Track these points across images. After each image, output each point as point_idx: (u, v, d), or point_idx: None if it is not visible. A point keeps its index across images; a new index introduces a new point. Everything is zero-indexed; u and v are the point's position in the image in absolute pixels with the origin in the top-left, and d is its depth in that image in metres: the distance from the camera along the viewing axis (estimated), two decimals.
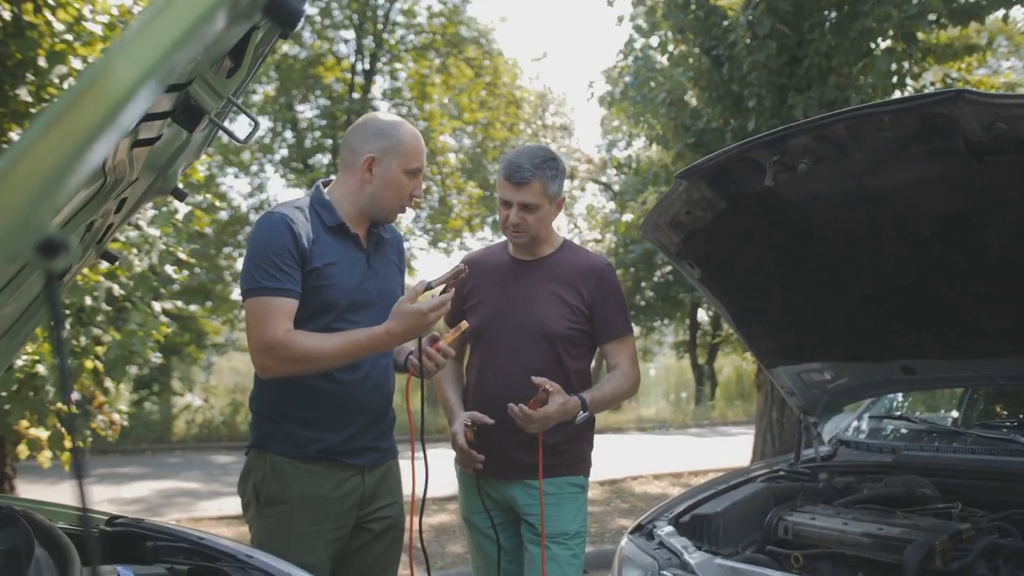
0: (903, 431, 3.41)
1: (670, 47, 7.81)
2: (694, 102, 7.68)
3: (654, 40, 8.08)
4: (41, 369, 3.76)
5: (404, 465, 2.40)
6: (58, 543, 1.32)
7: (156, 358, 4.41)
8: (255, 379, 2.28)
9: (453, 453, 2.61)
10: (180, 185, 1.94)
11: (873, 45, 6.84)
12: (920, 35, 6.64)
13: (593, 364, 2.88)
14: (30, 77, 3.80)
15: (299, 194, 15.64)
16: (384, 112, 2.45)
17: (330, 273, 2.19)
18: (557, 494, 2.57)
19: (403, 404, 2.40)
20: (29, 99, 3.77)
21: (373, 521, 2.32)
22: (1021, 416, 3.39)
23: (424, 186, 2.37)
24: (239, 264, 17.29)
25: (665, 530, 2.60)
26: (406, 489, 2.38)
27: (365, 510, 2.30)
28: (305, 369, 2.15)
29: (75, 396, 4.21)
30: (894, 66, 6.73)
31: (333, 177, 2.40)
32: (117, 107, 0.51)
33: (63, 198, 0.50)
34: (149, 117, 1.29)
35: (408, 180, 2.28)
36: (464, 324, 2.34)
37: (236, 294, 17.31)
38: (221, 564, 1.79)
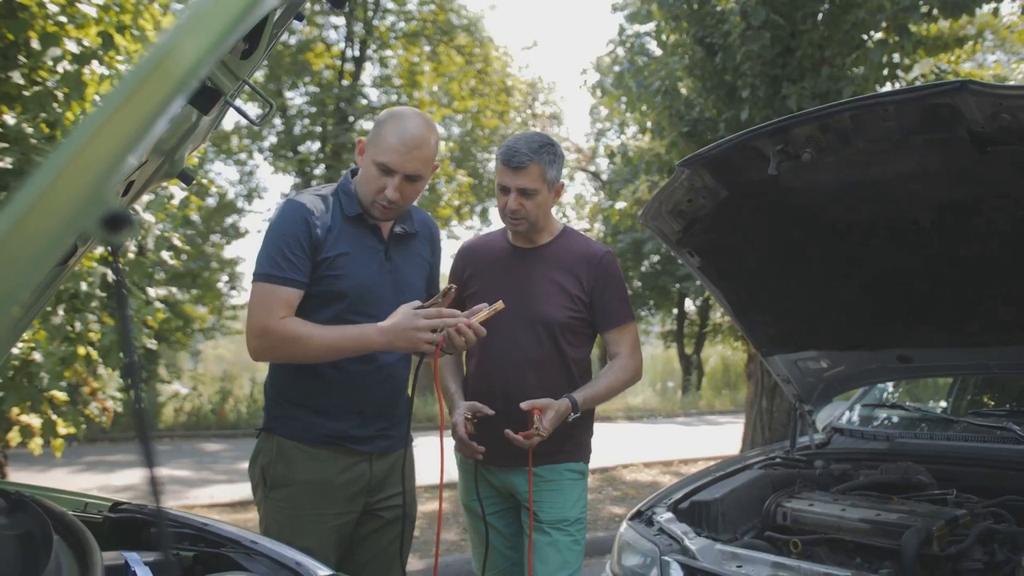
0: (896, 419, 3.45)
1: (663, 36, 7.81)
2: (686, 92, 7.70)
3: (648, 27, 8.08)
4: (36, 356, 3.73)
5: (420, 453, 2.40)
6: (73, 529, 1.31)
7: (152, 344, 4.39)
8: (270, 363, 2.30)
9: (453, 441, 2.60)
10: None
11: (866, 37, 6.87)
12: (912, 27, 6.68)
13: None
14: (22, 59, 3.74)
15: (288, 181, 15.60)
16: (409, 108, 2.40)
17: (342, 263, 2.20)
18: (557, 480, 2.57)
19: (419, 392, 2.39)
20: (21, 81, 3.72)
21: (383, 509, 2.32)
22: (1012, 404, 3.44)
23: None
24: (226, 251, 17.28)
25: (664, 516, 2.62)
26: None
27: (374, 497, 2.30)
28: (294, 358, 2.17)
29: (63, 384, 4.19)
30: (886, 58, 6.76)
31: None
32: (182, 85, 0.51)
33: (124, 174, 0.50)
34: None
35: (377, 174, 2.17)
36: (500, 304, 2.22)
37: (223, 281, 17.26)
38: (225, 550, 1.78)
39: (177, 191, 4.28)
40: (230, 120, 17.22)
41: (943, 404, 3.82)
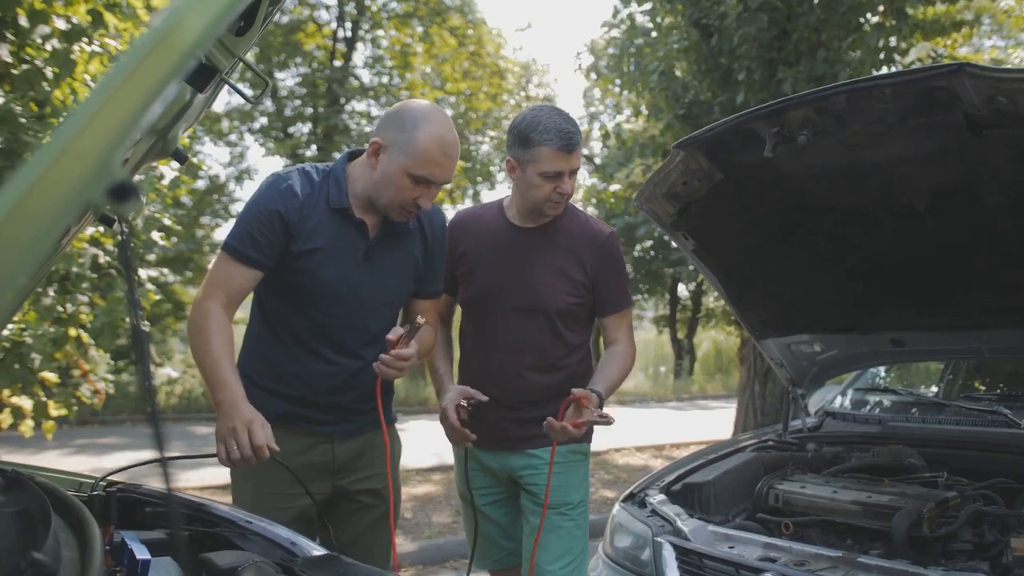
0: (888, 403, 3.47)
1: (658, 18, 7.77)
2: (681, 74, 7.66)
3: (644, 8, 8.02)
4: (27, 338, 3.70)
5: (412, 437, 2.37)
6: (70, 507, 1.30)
7: (145, 326, 4.38)
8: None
9: (436, 424, 2.51)
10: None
11: (863, 20, 6.84)
12: (909, 10, 6.66)
13: None
14: (11, 37, 3.70)
15: (277, 163, 15.52)
16: (429, 103, 2.18)
17: (314, 261, 2.11)
18: (561, 463, 2.48)
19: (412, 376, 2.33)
20: (10, 60, 3.67)
21: (359, 493, 2.27)
22: (1003, 388, 3.46)
23: None
24: (217, 234, 17.20)
25: (657, 498, 2.63)
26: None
27: (344, 479, 2.25)
28: (192, 346, 2.06)
29: (54, 366, 4.17)
30: (882, 42, 6.75)
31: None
32: (186, 58, 0.50)
33: (130, 146, 0.50)
34: None
35: (411, 185, 2.05)
36: (420, 320, 2.07)
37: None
38: (220, 529, 1.79)
39: (168, 171, 4.25)
40: (220, 101, 17.07)
41: (935, 388, 3.85)
